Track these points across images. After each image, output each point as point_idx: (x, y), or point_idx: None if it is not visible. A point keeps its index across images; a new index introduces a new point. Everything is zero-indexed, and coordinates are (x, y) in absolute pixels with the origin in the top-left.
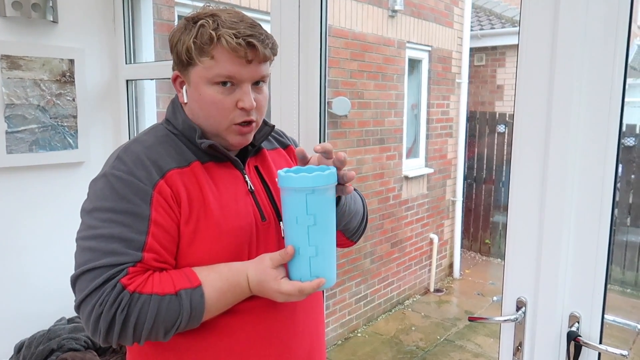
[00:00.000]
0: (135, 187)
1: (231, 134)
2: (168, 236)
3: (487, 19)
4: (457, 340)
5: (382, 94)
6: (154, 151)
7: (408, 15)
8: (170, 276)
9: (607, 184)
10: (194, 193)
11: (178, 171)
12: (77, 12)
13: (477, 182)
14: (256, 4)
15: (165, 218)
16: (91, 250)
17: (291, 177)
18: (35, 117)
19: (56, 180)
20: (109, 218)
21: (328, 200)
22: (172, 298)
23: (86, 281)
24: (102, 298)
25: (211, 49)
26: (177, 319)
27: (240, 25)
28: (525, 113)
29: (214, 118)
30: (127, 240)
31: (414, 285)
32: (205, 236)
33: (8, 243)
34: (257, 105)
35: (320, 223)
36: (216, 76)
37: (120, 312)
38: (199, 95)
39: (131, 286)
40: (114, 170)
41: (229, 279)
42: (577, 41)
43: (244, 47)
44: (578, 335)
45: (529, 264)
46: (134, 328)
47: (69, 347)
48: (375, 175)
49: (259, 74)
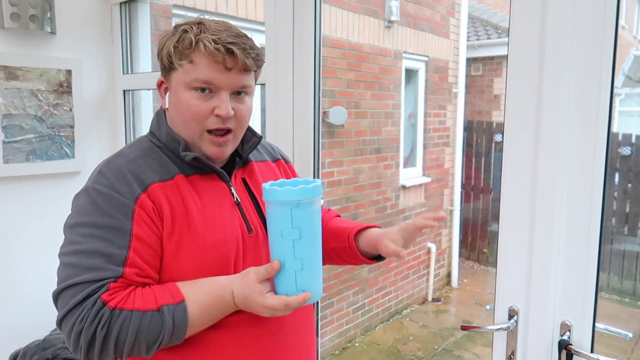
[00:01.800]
0: (116, 201)
1: (205, 143)
2: (150, 250)
3: (483, 29)
4: (455, 350)
5: (379, 103)
6: (136, 165)
7: (404, 25)
8: (152, 291)
9: (596, 192)
10: (177, 206)
11: (160, 184)
12: (74, 23)
13: (474, 191)
14: (253, 14)
15: (147, 232)
16: (72, 265)
17: (276, 191)
18: (32, 127)
19: (53, 190)
20: (90, 233)
21: (313, 214)
22: (154, 314)
23: (67, 297)
24: (83, 314)
25: (190, 52)
26: (160, 335)
27: (224, 33)
28: (514, 123)
29: (188, 124)
30: (108, 255)
31: (412, 294)
32: (189, 250)
33: (4, 252)
34: (237, 115)
35: (305, 237)
36: (194, 81)
37: (100, 329)
38: (177, 100)
39: (112, 302)
40: (96, 185)
41: (213, 293)
42: (564, 51)
43: (223, 53)
44: (569, 344)
45: (520, 273)
46: (115, 344)
47: (63, 357)
48: (372, 184)
49: (239, 83)
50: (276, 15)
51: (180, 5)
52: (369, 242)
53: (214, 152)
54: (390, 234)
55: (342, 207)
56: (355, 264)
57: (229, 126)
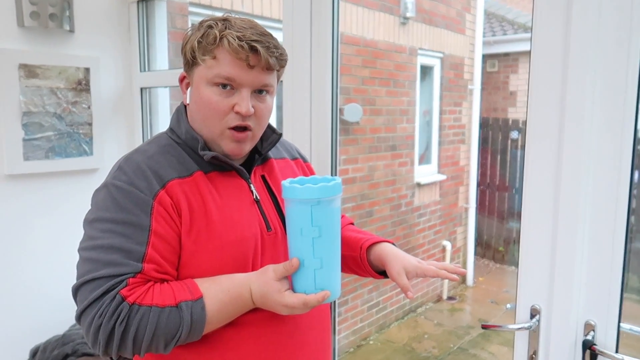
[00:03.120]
0: (135, 197)
1: (225, 140)
2: (169, 247)
3: (499, 25)
4: (470, 349)
5: (394, 100)
6: (155, 161)
7: (420, 22)
8: (171, 287)
9: (622, 189)
10: (196, 203)
11: (179, 181)
12: (93, 21)
13: (490, 188)
14: (268, 12)
15: (165, 228)
16: (91, 261)
17: (296, 188)
18: (52, 125)
19: (72, 187)
20: (109, 228)
21: (333, 212)
22: (173, 310)
23: (86, 292)
24: (102, 309)
25: (214, 48)
26: (178, 331)
27: (249, 31)
28: (538, 119)
29: (209, 120)
30: (127, 251)
31: (426, 292)
32: (208, 247)
33: (24, 248)
34: (257, 114)
35: (325, 235)
36: (216, 77)
37: (119, 324)
38: (198, 95)
39: (131, 297)
40: (115, 181)
41: (231, 290)
42: (590, 46)
43: (246, 50)
44: (593, 344)
45: (543, 271)
46: (133, 340)
47: (83, 352)
48: (387, 182)
49: (261, 81)
50: (294, 13)
51: (197, 3)
52: (379, 258)
53: (232, 148)
54: (406, 265)
55: (356, 205)
56: (361, 275)
57: (248, 124)
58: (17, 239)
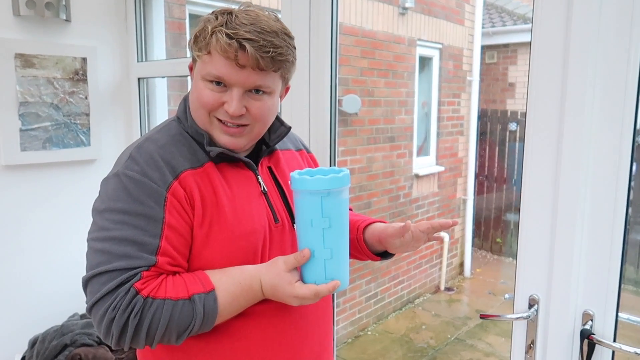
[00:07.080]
0: (148, 188)
1: (216, 131)
2: (181, 239)
3: (498, 16)
4: (467, 339)
5: (393, 91)
6: (167, 151)
7: (419, 12)
8: (183, 280)
9: (621, 180)
10: (208, 195)
11: (191, 172)
12: (89, 10)
13: (488, 180)
14: (266, 2)
15: (179, 221)
16: (103, 252)
17: (306, 180)
18: (49, 115)
19: (69, 178)
20: (122, 220)
21: (342, 203)
22: (186, 303)
23: (98, 284)
24: (116, 302)
25: (207, 45)
26: (190, 324)
27: (246, 27)
28: (538, 111)
29: (198, 111)
30: (141, 244)
31: (424, 283)
32: (219, 239)
33: (21, 239)
34: (252, 113)
35: (335, 225)
36: (207, 74)
37: (133, 317)
38: (195, 87)
39: (145, 290)
40: (127, 171)
41: (242, 282)
42: (591, 38)
43: (235, 49)
44: (591, 333)
45: (541, 261)
46: (146, 332)
47: (81, 342)
48: (385, 173)
49: (253, 82)
50: (292, 3)
51: None
52: (374, 235)
53: (226, 141)
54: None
55: (355, 196)
56: (360, 258)
57: (240, 122)
58: (15, 230)
